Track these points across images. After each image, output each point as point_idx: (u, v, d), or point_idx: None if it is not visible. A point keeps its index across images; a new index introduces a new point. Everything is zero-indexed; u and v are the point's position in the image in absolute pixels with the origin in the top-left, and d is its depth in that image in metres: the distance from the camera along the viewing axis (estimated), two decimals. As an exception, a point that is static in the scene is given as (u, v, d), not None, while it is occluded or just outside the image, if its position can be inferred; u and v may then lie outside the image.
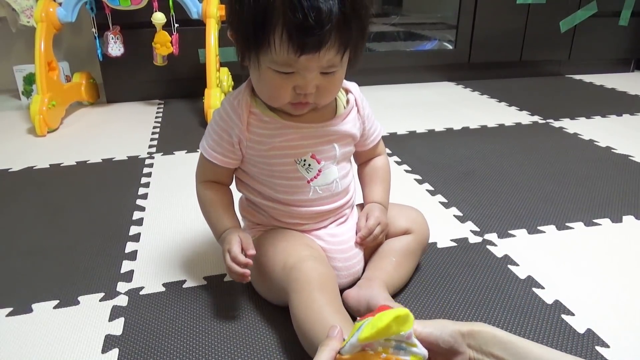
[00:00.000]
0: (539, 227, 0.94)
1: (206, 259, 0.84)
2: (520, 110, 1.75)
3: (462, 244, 0.88)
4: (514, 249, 0.86)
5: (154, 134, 1.54)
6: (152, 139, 1.48)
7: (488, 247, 0.87)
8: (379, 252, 0.74)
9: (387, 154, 1.11)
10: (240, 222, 0.74)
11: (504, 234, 0.91)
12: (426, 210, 0.81)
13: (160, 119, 1.69)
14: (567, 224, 0.95)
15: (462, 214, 0.99)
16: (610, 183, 1.13)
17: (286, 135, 0.66)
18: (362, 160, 0.79)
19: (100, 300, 0.74)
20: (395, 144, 1.40)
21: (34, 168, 1.27)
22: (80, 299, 0.75)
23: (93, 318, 0.70)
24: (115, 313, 0.71)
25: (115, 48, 1.72)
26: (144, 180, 1.18)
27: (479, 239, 0.90)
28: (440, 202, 1.05)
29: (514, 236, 0.91)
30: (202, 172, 0.73)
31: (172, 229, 0.95)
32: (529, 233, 0.92)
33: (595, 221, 0.96)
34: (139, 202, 1.07)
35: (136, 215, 1.01)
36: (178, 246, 0.89)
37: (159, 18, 1.60)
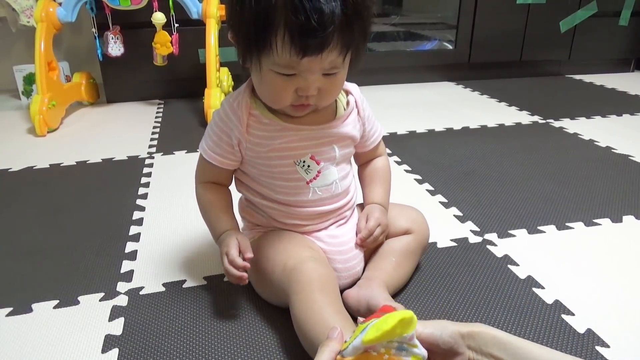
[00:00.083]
0: (539, 227, 0.94)
1: (206, 258, 0.84)
2: (520, 110, 1.75)
3: (462, 244, 0.88)
4: (514, 249, 0.86)
5: (154, 134, 1.54)
6: (152, 139, 1.48)
7: (488, 247, 0.87)
8: (379, 252, 0.74)
9: (387, 154, 1.11)
10: (239, 223, 0.74)
11: (504, 234, 0.91)
12: (426, 210, 0.81)
13: (160, 119, 1.69)
14: (567, 224, 0.95)
15: (462, 214, 0.99)
16: (610, 183, 1.13)
17: (285, 137, 0.66)
18: (363, 161, 0.79)
19: (100, 300, 0.74)
20: (395, 144, 1.40)
21: (34, 168, 1.27)
22: (80, 299, 0.75)
23: (93, 318, 0.70)
24: (115, 313, 0.71)
25: (115, 48, 1.72)
26: (144, 180, 1.19)
27: (479, 239, 0.90)
28: (440, 202, 1.05)
29: (514, 236, 0.91)
30: (201, 172, 0.73)
31: (172, 229, 0.95)
32: (529, 233, 0.92)
33: (595, 221, 0.96)
34: (139, 202, 1.07)
35: (136, 215, 1.01)
36: (178, 246, 0.89)
37: (159, 18, 1.60)
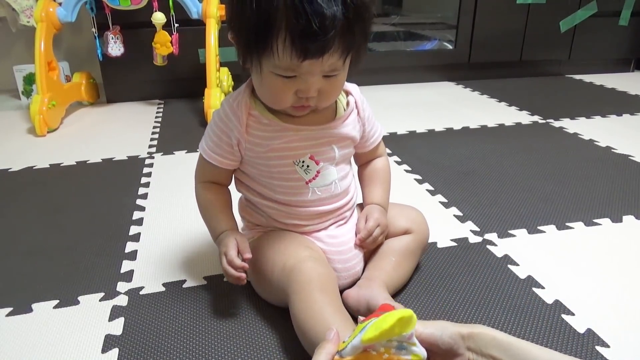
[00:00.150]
0: (539, 227, 0.94)
1: (206, 258, 0.84)
2: (520, 110, 1.75)
3: (462, 244, 0.88)
4: (514, 248, 0.86)
5: (154, 134, 1.54)
6: (152, 139, 1.48)
7: (488, 247, 0.87)
8: (378, 252, 0.74)
9: (387, 154, 1.11)
10: (239, 222, 0.74)
11: (504, 234, 0.91)
12: (426, 210, 0.81)
13: (160, 119, 1.69)
14: (567, 224, 0.95)
15: (462, 214, 0.99)
16: (610, 183, 1.13)
17: (285, 137, 0.66)
18: (363, 162, 0.79)
19: (100, 300, 0.74)
20: (395, 144, 1.40)
21: (34, 168, 1.27)
22: (80, 298, 0.75)
23: (93, 318, 0.70)
24: (115, 313, 0.71)
25: (115, 48, 1.72)
26: (144, 180, 1.18)
27: (479, 238, 0.90)
28: (440, 202, 1.05)
29: (514, 236, 0.91)
30: (201, 172, 0.73)
31: (172, 229, 0.95)
32: (529, 233, 0.92)
33: (595, 221, 0.96)
34: (139, 202, 1.07)
35: (136, 215, 1.01)
36: (178, 246, 0.89)
37: (159, 18, 1.60)
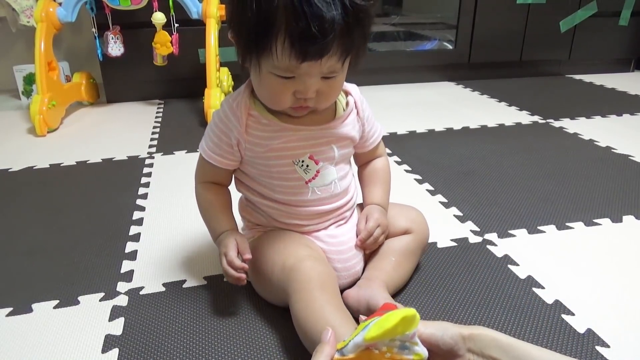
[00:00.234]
0: (539, 227, 0.94)
1: (206, 258, 0.84)
2: (520, 110, 1.75)
3: (462, 244, 0.88)
4: (514, 249, 0.86)
5: (154, 134, 1.54)
6: (152, 139, 1.48)
7: (488, 247, 0.87)
8: (378, 252, 0.74)
9: (387, 154, 1.11)
10: (239, 222, 0.74)
11: (504, 234, 0.91)
12: (426, 210, 0.81)
13: (160, 119, 1.69)
14: (567, 224, 0.95)
15: (462, 214, 0.99)
16: (610, 183, 1.13)
17: (284, 137, 0.66)
18: (362, 162, 0.79)
19: (100, 300, 0.74)
20: (395, 144, 1.40)
21: (34, 168, 1.27)
22: (80, 299, 0.75)
23: (93, 318, 0.70)
24: (115, 313, 0.71)
25: (115, 48, 1.72)
26: (144, 180, 1.18)
27: (479, 239, 0.90)
28: (440, 202, 1.05)
29: (514, 236, 0.91)
30: (201, 172, 0.73)
31: (172, 229, 0.95)
32: (529, 233, 0.92)
33: (595, 221, 0.96)
34: (139, 202, 1.07)
35: (136, 215, 1.01)
36: (178, 246, 0.89)
37: (159, 18, 1.60)
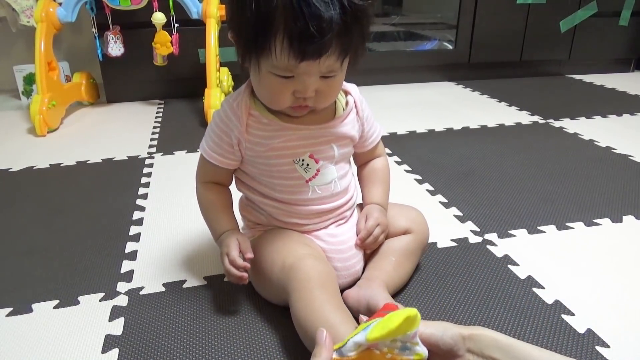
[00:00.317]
0: (539, 227, 0.94)
1: (206, 258, 0.84)
2: (520, 110, 1.75)
3: (462, 244, 0.88)
4: (514, 249, 0.86)
5: (154, 134, 1.54)
6: (152, 139, 1.48)
7: (488, 247, 0.87)
8: (378, 252, 0.74)
9: (387, 154, 1.11)
10: (239, 222, 0.75)
11: (504, 234, 0.91)
12: (426, 210, 0.81)
13: (160, 119, 1.69)
14: (567, 224, 0.95)
15: (462, 214, 0.99)
16: (610, 183, 1.13)
17: (285, 136, 0.66)
18: (362, 162, 0.79)
19: (100, 300, 0.74)
20: (395, 144, 1.40)
21: (34, 168, 1.27)
22: (80, 299, 0.75)
23: (93, 318, 0.70)
24: (115, 313, 0.71)
25: (115, 48, 1.72)
26: (144, 180, 1.18)
27: (479, 239, 0.90)
28: (440, 202, 1.05)
29: (514, 236, 0.91)
30: (202, 172, 0.73)
31: (172, 229, 0.95)
32: (529, 233, 0.92)
33: (595, 221, 0.96)
34: (139, 202, 1.07)
35: (136, 215, 1.01)
36: (178, 246, 0.89)
37: (159, 18, 1.60)
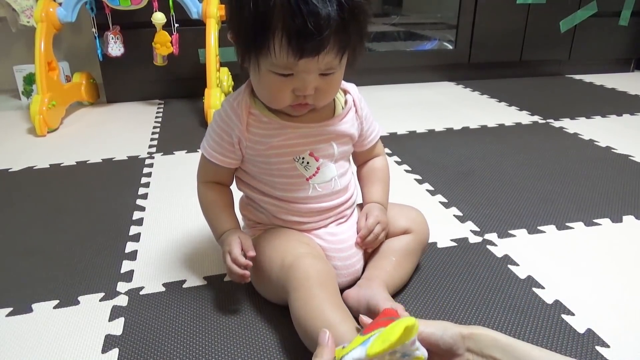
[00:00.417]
0: (539, 227, 0.94)
1: (206, 258, 0.84)
2: (520, 110, 1.75)
3: (462, 244, 0.88)
4: (514, 249, 0.86)
5: (154, 134, 1.54)
6: (152, 139, 1.48)
7: (488, 247, 0.87)
8: (378, 252, 0.74)
9: (387, 154, 1.11)
10: (240, 221, 0.75)
11: (504, 234, 0.91)
12: (426, 210, 0.81)
13: (160, 119, 1.69)
14: (567, 224, 0.95)
15: (462, 214, 0.99)
16: (610, 183, 1.13)
17: (284, 135, 0.66)
18: (361, 161, 0.79)
19: (100, 300, 0.74)
20: (395, 144, 1.40)
21: (34, 168, 1.27)
22: (80, 299, 0.75)
23: (93, 318, 0.70)
24: (115, 313, 0.71)
25: (115, 48, 1.72)
26: (144, 180, 1.18)
27: (479, 239, 0.90)
28: (440, 202, 1.05)
29: (514, 236, 0.91)
30: (203, 172, 0.74)
31: (172, 229, 0.95)
32: (529, 233, 0.92)
33: (595, 221, 0.96)
34: (139, 202, 1.07)
35: (136, 215, 1.01)
36: (178, 246, 0.89)
37: (159, 18, 1.60)
